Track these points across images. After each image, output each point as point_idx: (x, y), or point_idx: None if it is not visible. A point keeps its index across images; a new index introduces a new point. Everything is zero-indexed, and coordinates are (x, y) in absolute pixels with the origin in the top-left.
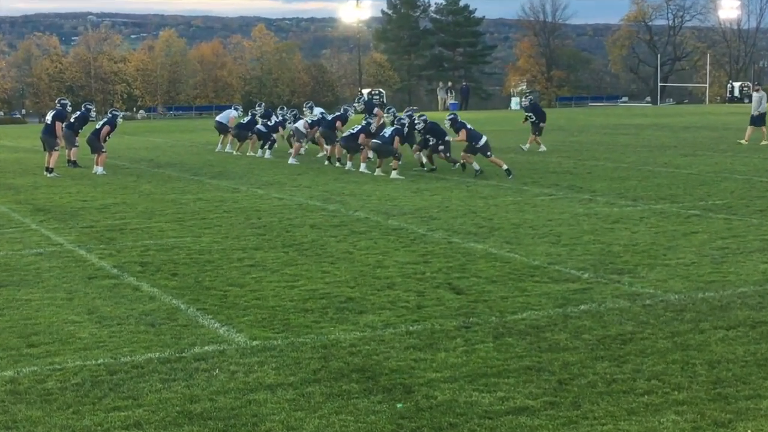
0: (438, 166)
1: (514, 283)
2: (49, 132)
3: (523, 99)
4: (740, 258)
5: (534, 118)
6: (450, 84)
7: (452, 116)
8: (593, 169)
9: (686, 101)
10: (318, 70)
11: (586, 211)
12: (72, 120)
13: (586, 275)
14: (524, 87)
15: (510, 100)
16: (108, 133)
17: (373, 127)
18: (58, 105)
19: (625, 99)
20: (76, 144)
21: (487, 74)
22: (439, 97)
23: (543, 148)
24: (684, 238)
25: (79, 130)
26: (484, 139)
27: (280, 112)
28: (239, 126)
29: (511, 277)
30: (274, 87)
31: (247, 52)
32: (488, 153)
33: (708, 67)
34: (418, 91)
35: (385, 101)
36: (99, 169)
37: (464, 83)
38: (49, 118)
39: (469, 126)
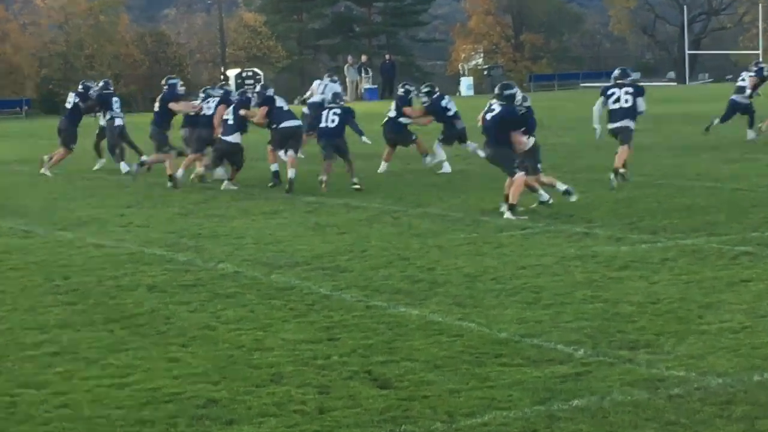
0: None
1: (469, 368)
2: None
3: (752, 65)
4: None
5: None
6: (364, 59)
7: None
8: (590, 187)
9: (730, 77)
10: (157, 40)
11: (578, 251)
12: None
13: (580, 352)
14: (480, 60)
15: (459, 82)
16: None
17: None
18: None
19: (635, 76)
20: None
21: (422, 42)
22: (348, 80)
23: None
24: (730, 290)
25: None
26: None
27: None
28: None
29: (464, 360)
30: (87, 69)
31: (43, 16)
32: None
33: (761, 24)
34: (316, 71)
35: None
36: None
37: (387, 57)
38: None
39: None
